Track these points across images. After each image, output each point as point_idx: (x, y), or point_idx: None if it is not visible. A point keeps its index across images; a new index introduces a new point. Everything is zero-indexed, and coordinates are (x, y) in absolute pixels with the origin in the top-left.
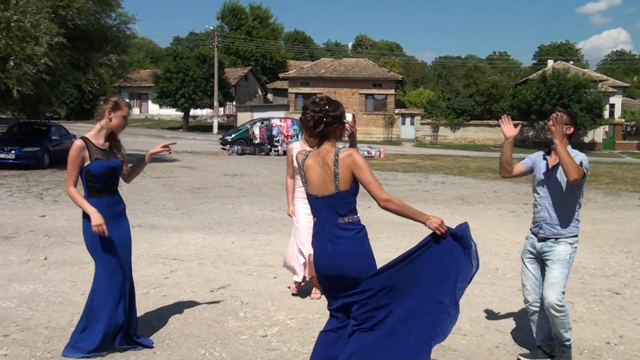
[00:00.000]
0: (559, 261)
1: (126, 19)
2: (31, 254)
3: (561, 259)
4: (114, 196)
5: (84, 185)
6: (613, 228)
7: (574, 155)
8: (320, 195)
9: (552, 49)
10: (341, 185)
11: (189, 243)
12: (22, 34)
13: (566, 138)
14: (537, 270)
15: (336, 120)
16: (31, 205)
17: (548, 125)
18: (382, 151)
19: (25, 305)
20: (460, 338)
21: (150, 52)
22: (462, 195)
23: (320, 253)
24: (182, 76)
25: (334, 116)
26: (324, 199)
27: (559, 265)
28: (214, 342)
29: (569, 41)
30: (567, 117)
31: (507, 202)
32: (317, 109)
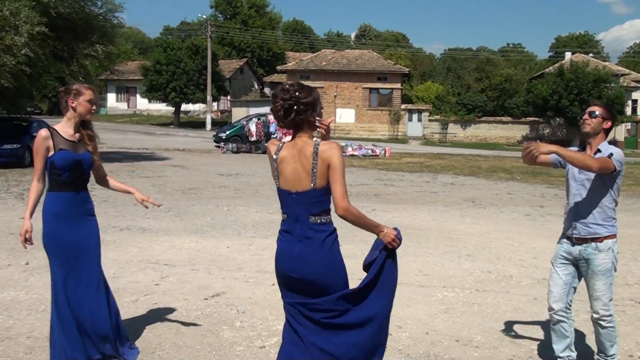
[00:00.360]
0: (601, 272)
1: (113, 7)
2: (12, 259)
3: (604, 269)
4: (79, 193)
5: (48, 178)
6: (636, 233)
7: (606, 149)
8: (294, 191)
9: (570, 40)
10: (318, 181)
11: (181, 247)
12: (0, 23)
13: (603, 133)
14: (568, 277)
15: (309, 108)
16: (11, 207)
17: (583, 119)
18: (388, 150)
19: (5, 314)
20: (472, 350)
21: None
22: (474, 197)
23: (286, 253)
24: (172, 68)
25: (305, 103)
26: (298, 195)
27: (603, 276)
28: (208, 354)
29: (589, 32)
30: (604, 111)
31: (522, 205)
32: (287, 96)
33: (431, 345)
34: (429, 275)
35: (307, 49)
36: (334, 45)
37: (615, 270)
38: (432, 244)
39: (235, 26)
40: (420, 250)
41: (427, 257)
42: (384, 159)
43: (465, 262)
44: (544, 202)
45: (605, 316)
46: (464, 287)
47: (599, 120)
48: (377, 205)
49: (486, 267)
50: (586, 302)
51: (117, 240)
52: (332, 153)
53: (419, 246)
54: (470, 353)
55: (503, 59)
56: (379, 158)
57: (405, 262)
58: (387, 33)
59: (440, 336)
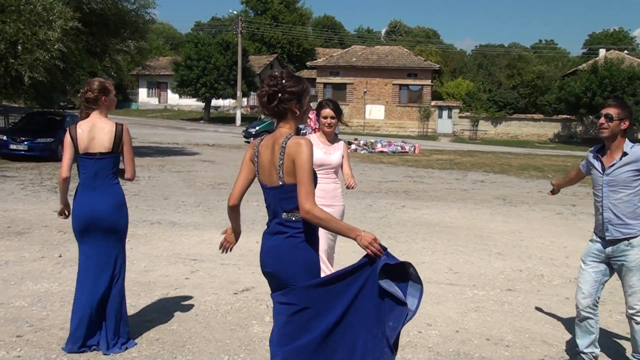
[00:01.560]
0: (635, 267)
1: (145, 3)
2: (45, 251)
3: (638, 265)
4: None
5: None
6: None
7: (633, 150)
8: (269, 185)
9: (605, 37)
10: (285, 177)
11: (211, 242)
12: (34, 18)
13: (621, 133)
14: (598, 275)
15: (294, 97)
16: (44, 200)
17: (600, 123)
18: (417, 146)
19: (39, 305)
20: (502, 349)
21: (170, 38)
22: (504, 194)
23: (262, 247)
24: (203, 64)
25: (291, 92)
26: (271, 189)
27: (637, 271)
28: (238, 348)
29: (623, 28)
30: (620, 112)
31: (554, 203)
32: (273, 83)
33: (461, 344)
34: (459, 274)
35: (337, 45)
36: (364, 41)
37: None
38: (462, 242)
39: (266, 22)
40: (450, 248)
41: (457, 255)
42: (413, 155)
43: (495, 260)
44: (576, 201)
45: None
46: (494, 286)
47: (616, 123)
48: (407, 202)
49: (517, 265)
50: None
51: (147, 234)
52: (298, 150)
53: (448, 244)
54: (500, 352)
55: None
56: (409, 155)
57: (435, 260)
58: (417, 29)
59: (470, 334)
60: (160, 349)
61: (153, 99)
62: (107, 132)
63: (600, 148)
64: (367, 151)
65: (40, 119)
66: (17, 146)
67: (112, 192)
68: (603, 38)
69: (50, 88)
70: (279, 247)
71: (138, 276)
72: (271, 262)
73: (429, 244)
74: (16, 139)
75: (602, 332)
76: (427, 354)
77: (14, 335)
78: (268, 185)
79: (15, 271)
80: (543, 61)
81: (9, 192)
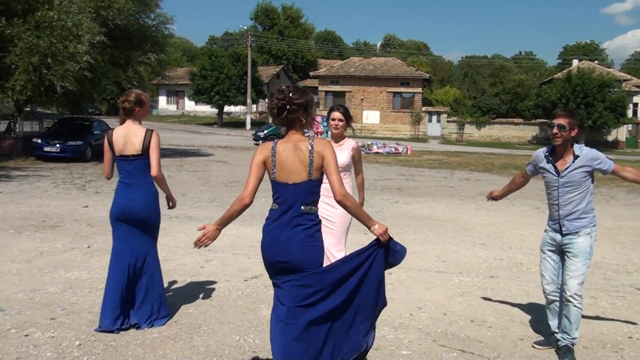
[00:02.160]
0: (580, 253)
1: (164, 19)
2: (75, 242)
3: (582, 251)
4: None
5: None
6: (635, 225)
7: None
8: (291, 182)
9: (577, 49)
10: (314, 173)
11: (224, 234)
12: (65, 33)
13: (571, 140)
14: (557, 262)
15: (300, 108)
16: (75, 196)
17: (553, 133)
18: (409, 148)
19: (70, 291)
20: (485, 330)
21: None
22: (487, 191)
23: (274, 239)
24: (216, 74)
25: (297, 103)
26: (294, 186)
27: (581, 257)
28: (248, 329)
29: (594, 41)
30: (571, 120)
31: (532, 199)
32: (281, 97)
33: (448, 325)
34: (447, 262)
35: (337, 57)
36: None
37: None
38: (449, 234)
39: (273, 36)
40: (439, 239)
41: (445, 245)
42: (405, 156)
43: (479, 250)
44: None
45: (578, 295)
46: (478, 273)
47: (568, 132)
48: (400, 197)
49: (498, 255)
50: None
51: (167, 227)
52: (325, 148)
53: (437, 235)
54: (484, 332)
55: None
56: (402, 155)
57: (425, 250)
58: (409, 42)
59: (456, 317)
60: (178, 330)
61: (172, 105)
62: (139, 137)
63: (550, 152)
64: (364, 152)
65: (71, 124)
66: (50, 148)
67: (146, 189)
68: (576, 50)
69: (80, 96)
70: (295, 238)
71: None
72: (288, 251)
73: (420, 236)
74: (49, 142)
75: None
76: (418, 334)
77: (48, 318)
78: (289, 182)
79: (49, 261)
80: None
81: (44, 189)
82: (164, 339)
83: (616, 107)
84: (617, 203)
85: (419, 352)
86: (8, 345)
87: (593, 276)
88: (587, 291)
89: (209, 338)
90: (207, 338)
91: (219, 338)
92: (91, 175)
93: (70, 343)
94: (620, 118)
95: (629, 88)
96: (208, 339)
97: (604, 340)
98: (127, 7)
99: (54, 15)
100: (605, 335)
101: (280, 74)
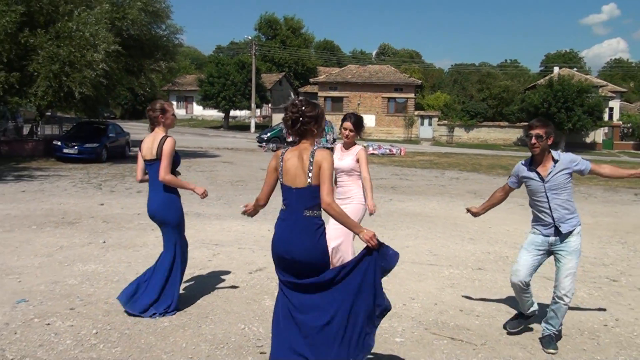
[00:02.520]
0: (574, 252)
1: (174, 30)
2: (92, 238)
3: (575, 250)
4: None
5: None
6: (611, 221)
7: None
8: (294, 187)
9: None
10: (313, 180)
11: (230, 230)
12: (82, 43)
13: (548, 148)
14: (535, 262)
15: (312, 120)
16: (91, 195)
17: (532, 144)
18: (403, 149)
19: (87, 283)
20: (473, 319)
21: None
22: (475, 189)
23: (282, 237)
24: (223, 81)
25: (310, 116)
26: (296, 190)
27: (574, 255)
28: (252, 318)
29: (573, 50)
30: (546, 131)
31: (517, 197)
32: (295, 110)
33: (439, 314)
34: (438, 255)
35: (335, 64)
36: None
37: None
38: (440, 229)
39: (275, 45)
40: (430, 234)
41: (435, 240)
42: (399, 157)
43: (468, 244)
44: None
45: (571, 294)
46: (467, 266)
47: (545, 141)
48: (394, 195)
49: (486, 249)
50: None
51: None
52: (324, 159)
53: (428, 231)
54: (472, 321)
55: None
56: (395, 156)
57: (417, 244)
58: (403, 51)
59: (447, 306)
60: (187, 319)
61: (181, 110)
62: (156, 143)
63: (530, 162)
64: None
65: (88, 127)
66: (69, 150)
67: (160, 192)
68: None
69: (96, 101)
70: (299, 238)
71: None
72: (295, 250)
73: (412, 231)
74: (68, 144)
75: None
76: (411, 323)
77: (68, 308)
78: (293, 186)
79: (68, 255)
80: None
81: (63, 188)
82: (175, 327)
83: (593, 111)
84: (594, 200)
85: (412, 340)
86: (32, 333)
87: None
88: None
89: (216, 327)
90: (214, 327)
91: (225, 327)
92: (106, 175)
93: (87, 331)
94: (597, 121)
95: (605, 93)
96: (215, 328)
97: (582, 327)
98: (140, 18)
99: (73, 26)
100: (584, 323)
101: (282, 80)
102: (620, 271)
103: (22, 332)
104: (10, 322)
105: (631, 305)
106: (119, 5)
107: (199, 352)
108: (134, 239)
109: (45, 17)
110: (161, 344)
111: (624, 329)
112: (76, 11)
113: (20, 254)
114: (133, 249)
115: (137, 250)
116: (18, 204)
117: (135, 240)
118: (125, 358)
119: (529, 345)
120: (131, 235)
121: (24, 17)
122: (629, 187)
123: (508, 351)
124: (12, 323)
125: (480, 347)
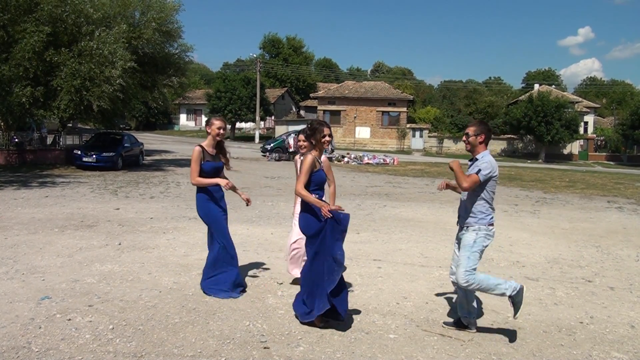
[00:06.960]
0: (464, 246)
1: (185, 48)
2: (108, 240)
3: (466, 244)
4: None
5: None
6: (587, 226)
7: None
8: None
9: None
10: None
11: (235, 233)
12: (102, 60)
13: (481, 145)
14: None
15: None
16: (107, 200)
17: (463, 140)
18: (396, 159)
19: (104, 282)
20: None
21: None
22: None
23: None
24: (229, 95)
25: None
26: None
27: (464, 249)
28: (257, 316)
29: (552, 68)
30: (475, 129)
31: (501, 203)
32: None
33: (430, 312)
34: (428, 258)
35: (333, 81)
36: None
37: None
38: (430, 233)
39: (278, 63)
40: (422, 238)
41: (426, 243)
42: (392, 166)
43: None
44: (518, 201)
45: (463, 281)
46: None
47: (473, 139)
48: (387, 202)
49: None
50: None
51: (186, 227)
52: (302, 162)
53: (420, 235)
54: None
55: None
56: (389, 166)
57: (410, 247)
58: (396, 68)
59: (437, 305)
60: (196, 316)
61: (191, 122)
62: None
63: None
64: (357, 163)
65: (105, 137)
66: (87, 159)
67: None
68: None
69: (113, 114)
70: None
71: (179, 259)
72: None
73: (405, 235)
74: (87, 153)
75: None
76: (403, 320)
77: (86, 305)
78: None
79: (86, 255)
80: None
81: (82, 194)
82: (184, 323)
83: (570, 124)
84: (571, 207)
85: (404, 336)
86: (54, 328)
87: (552, 270)
88: (546, 282)
89: (222, 323)
90: (221, 323)
91: (231, 323)
92: (122, 182)
93: (105, 327)
94: (574, 134)
95: (580, 109)
96: (222, 324)
97: (560, 325)
98: (155, 37)
99: (94, 45)
100: (561, 320)
101: (284, 95)
102: (594, 272)
103: (46, 327)
104: (35, 317)
105: (604, 304)
106: (135, 26)
107: (207, 347)
108: (147, 241)
109: (69, 36)
110: (172, 339)
111: (598, 325)
112: (97, 31)
113: (44, 254)
114: (146, 251)
115: (150, 251)
116: (42, 208)
117: (148, 243)
118: (140, 352)
119: (513, 342)
120: (144, 238)
121: (50, 36)
122: (602, 195)
123: (493, 347)
124: (37, 318)
125: (467, 343)
